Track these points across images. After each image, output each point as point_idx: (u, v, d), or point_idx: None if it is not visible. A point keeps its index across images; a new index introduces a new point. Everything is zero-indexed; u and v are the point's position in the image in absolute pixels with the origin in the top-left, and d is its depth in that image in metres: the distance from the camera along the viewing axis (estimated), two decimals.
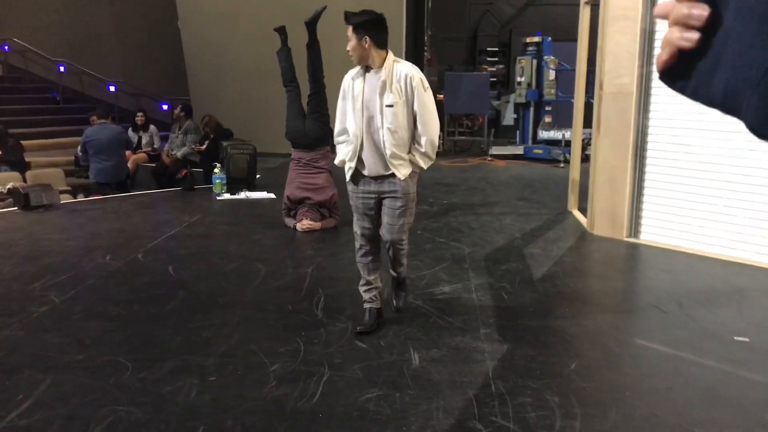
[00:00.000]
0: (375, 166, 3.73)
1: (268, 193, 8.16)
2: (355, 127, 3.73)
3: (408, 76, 3.65)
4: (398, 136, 3.65)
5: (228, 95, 12.18)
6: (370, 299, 3.99)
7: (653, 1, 5.71)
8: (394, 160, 3.68)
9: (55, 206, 7.41)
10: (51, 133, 12.77)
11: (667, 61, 0.70)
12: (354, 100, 3.73)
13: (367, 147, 3.72)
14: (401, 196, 3.75)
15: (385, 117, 3.63)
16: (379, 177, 3.75)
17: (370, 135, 3.71)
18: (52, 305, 4.28)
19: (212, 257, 5.47)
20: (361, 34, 3.64)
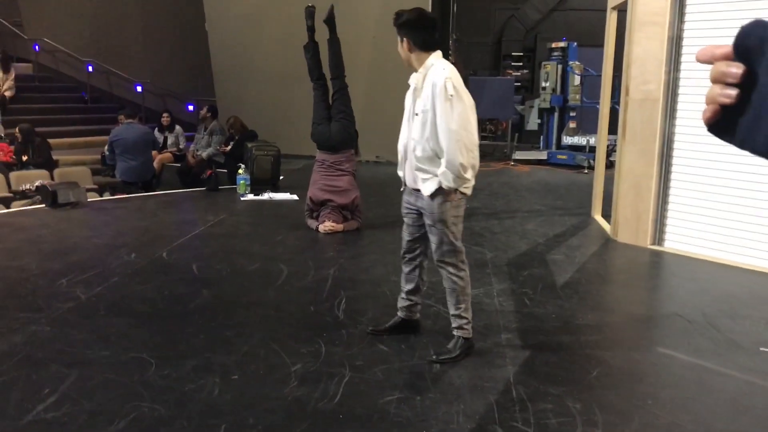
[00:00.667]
0: (407, 178, 3.60)
1: (292, 195, 8.20)
2: (402, 138, 3.60)
3: (433, 81, 3.36)
4: (421, 147, 3.41)
5: (253, 97, 12.27)
6: (400, 309, 3.83)
7: (681, 7, 5.67)
8: (419, 173, 3.47)
9: (82, 204, 7.51)
10: (79, 132, 12.96)
11: (711, 117, 0.74)
12: (407, 107, 3.60)
13: (402, 156, 3.61)
14: (428, 214, 3.50)
15: (414, 126, 3.45)
16: (415, 190, 3.55)
17: (405, 144, 3.57)
18: (78, 302, 4.34)
19: (236, 257, 5.51)
20: (401, 36, 3.47)
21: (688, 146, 5.77)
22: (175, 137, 10.99)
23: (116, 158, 8.91)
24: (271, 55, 11.97)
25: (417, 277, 3.77)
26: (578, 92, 11.93)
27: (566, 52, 12.37)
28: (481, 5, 15.55)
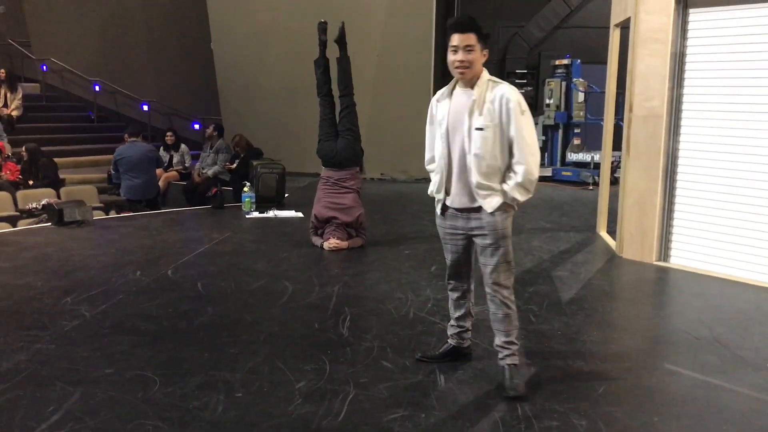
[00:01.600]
0: (460, 197, 3.34)
1: (297, 212, 8.22)
2: (440, 153, 3.37)
3: (504, 97, 3.22)
4: (487, 163, 3.24)
5: (259, 115, 12.33)
6: (451, 336, 3.71)
7: (684, 23, 5.69)
8: (481, 189, 3.26)
9: (88, 222, 7.54)
10: (86, 151, 13.05)
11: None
12: (439, 125, 3.38)
13: (455, 176, 3.34)
14: (489, 232, 3.30)
15: (473, 141, 3.24)
16: (466, 210, 3.34)
17: (456, 162, 3.32)
18: (82, 319, 4.34)
19: (240, 274, 5.51)
20: (483, 45, 3.26)
21: (693, 162, 5.76)
22: (180, 156, 11.05)
23: (120, 176, 8.96)
24: (276, 74, 12.04)
25: (467, 302, 3.63)
26: (582, 109, 11.95)
27: (570, 69, 12.40)
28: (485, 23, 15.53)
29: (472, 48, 3.21)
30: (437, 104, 3.44)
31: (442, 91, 3.45)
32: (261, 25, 11.99)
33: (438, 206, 3.46)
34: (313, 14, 10.62)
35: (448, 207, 3.42)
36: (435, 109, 3.45)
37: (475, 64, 3.24)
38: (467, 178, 3.29)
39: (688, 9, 5.67)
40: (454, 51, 3.24)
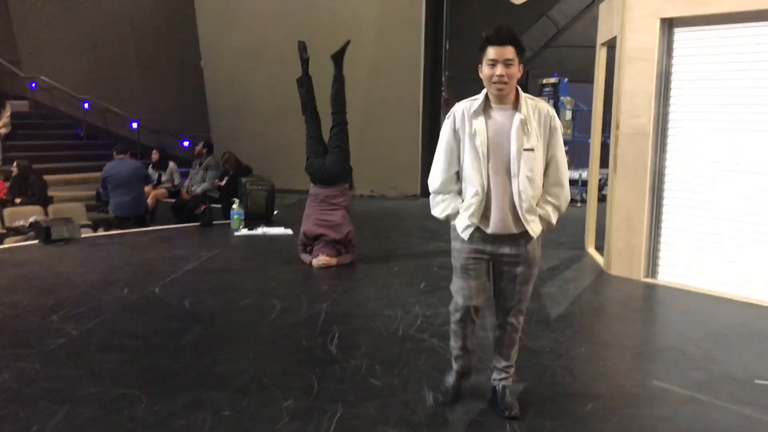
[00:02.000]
0: (503, 223, 3.09)
1: (286, 229, 8.20)
2: (479, 175, 3.07)
3: (548, 114, 3.09)
4: (536, 185, 3.07)
5: (248, 133, 12.35)
6: (462, 366, 3.47)
7: (669, 42, 5.76)
8: (529, 215, 3.07)
9: (76, 240, 7.50)
10: (75, 169, 13.02)
11: None
12: (472, 142, 3.08)
13: (495, 200, 3.08)
14: (529, 259, 3.15)
15: (525, 163, 3.02)
16: (502, 236, 3.12)
17: (499, 185, 3.07)
18: (69, 337, 4.31)
19: (228, 292, 5.49)
20: (520, 59, 3.03)
21: (679, 179, 5.81)
22: (169, 174, 11.02)
23: (109, 194, 8.93)
24: (266, 92, 12.08)
25: (476, 329, 3.42)
26: (570, 127, 12.02)
27: (557, 87, 12.49)
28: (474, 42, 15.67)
29: (511, 62, 2.99)
30: (467, 120, 3.11)
31: (468, 107, 3.14)
32: (250, 44, 12.04)
33: (465, 232, 3.15)
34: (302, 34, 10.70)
35: (480, 232, 3.14)
36: (463, 126, 3.13)
37: (513, 79, 3.02)
38: (513, 203, 3.06)
39: (673, 28, 5.75)
40: (491, 65, 3.00)
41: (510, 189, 3.06)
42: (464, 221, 3.15)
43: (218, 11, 12.26)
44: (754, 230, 5.38)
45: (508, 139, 3.03)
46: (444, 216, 3.24)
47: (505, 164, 3.05)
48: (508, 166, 3.04)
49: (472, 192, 3.10)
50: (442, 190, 3.24)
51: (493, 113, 3.09)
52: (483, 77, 3.07)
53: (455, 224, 3.20)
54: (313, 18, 11.37)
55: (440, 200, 3.25)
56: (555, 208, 3.15)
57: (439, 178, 3.24)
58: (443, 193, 3.24)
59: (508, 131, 3.04)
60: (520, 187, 3.04)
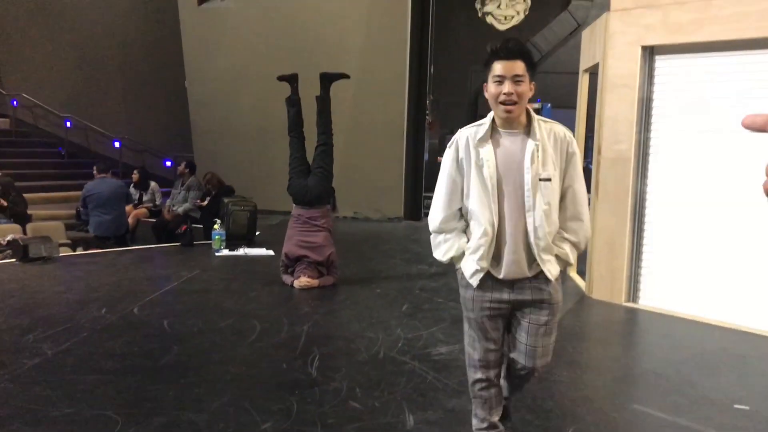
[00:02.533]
0: (516, 266, 2.69)
1: (267, 250, 8.16)
2: (488, 211, 2.66)
3: (565, 139, 2.71)
4: (553, 220, 2.68)
5: (231, 153, 12.33)
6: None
7: (651, 70, 5.84)
8: (545, 254, 2.69)
9: (54, 259, 7.40)
10: (56, 187, 12.90)
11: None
12: (479, 174, 2.67)
13: (507, 239, 2.68)
14: (551, 304, 2.75)
15: (541, 195, 2.63)
16: (519, 280, 2.72)
17: (512, 221, 2.67)
18: (44, 357, 4.23)
19: (208, 313, 5.43)
20: (531, 76, 2.68)
21: (660, 204, 5.86)
22: (150, 194, 10.95)
23: (89, 213, 8.85)
24: (249, 113, 12.09)
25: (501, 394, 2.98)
26: None
27: (541, 113, 12.63)
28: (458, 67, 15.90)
29: (521, 78, 2.61)
30: (472, 148, 2.70)
31: (473, 133, 2.73)
32: (235, 65, 12.07)
33: (474, 278, 2.74)
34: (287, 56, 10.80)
35: (491, 278, 2.74)
36: (468, 155, 2.72)
37: (524, 98, 2.64)
38: (527, 241, 2.67)
39: (654, 56, 5.83)
40: (498, 82, 2.62)
41: (524, 226, 2.66)
42: (472, 266, 2.74)
43: (203, 32, 12.29)
44: (734, 256, 5.42)
45: (521, 169, 2.64)
46: (447, 259, 2.83)
47: (518, 197, 2.65)
48: (522, 199, 2.64)
49: (480, 231, 2.68)
50: (444, 228, 2.83)
51: (502, 139, 2.70)
52: (489, 97, 2.68)
53: (462, 269, 2.80)
54: (298, 41, 11.43)
55: (442, 240, 2.84)
56: (573, 245, 2.77)
57: (440, 215, 2.82)
58: (445, 232, 2.83)
59: (519, 159, 2.65)
60: (536, 222, 2.64)
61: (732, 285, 5.45)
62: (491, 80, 2.65)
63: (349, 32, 11.40)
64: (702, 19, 5.40)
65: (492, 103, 2.67)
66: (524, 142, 2.67)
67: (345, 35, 11.38)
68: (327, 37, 11.35)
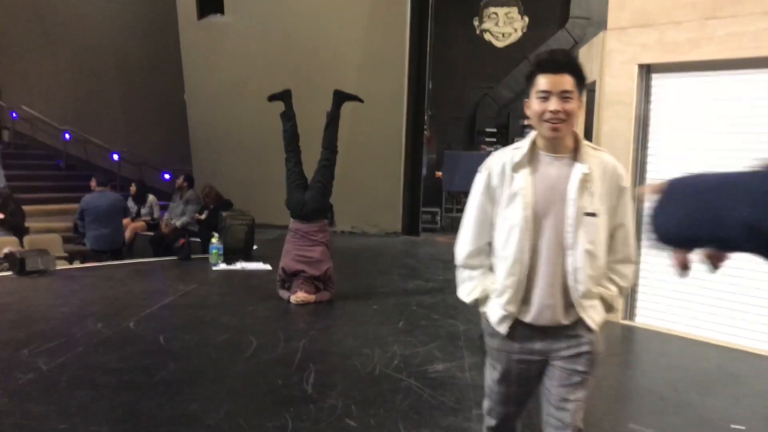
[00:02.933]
0: (551, 311, 2.34)
1: (264, 264, 8.15)
2: (520, 249, 2.33)
3: (615, 170, 2.36)
4: (597, 263, 2.33)
5: (229, 167, 12.35)
6: None
7: (647, 87, 5.88)
8: (586, 300, 2.34)
9: (51, 272, 7.39)
10: (54, 200, 12.89)
11: None
12: (513, 203, 2.35)
13: (540, 280, 2.34)
14: (591, 354, 2.39)
15: (584, 232, 2.30)
16: (553, 328, 2.37)
17: (547, 259, 2.33)
18: (39, 372, 4.22)
19: (204, 328, 5.42)
20: (580, 92, 2.33)
21: None
22: (149, 207, 10.96)
23: (86, 226, 8.84)
24: (248, 126, 12.11)
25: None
26: None
27: None
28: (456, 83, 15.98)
29: (569, 95, 2.28)
30: (508, 177, 2.38)
31: (510, 158, 2.41)
32: (234, 79, 12.11)
33: (502, 325, 2.41)
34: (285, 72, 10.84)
35: (521, 324, 2.40)
36: (502, 183, 2.40)
37: (573, 117, 2.31)
38: (564, 283, 2.33)
39: (651, 74, 5.87)
40: (543, 98, 2.30)
41: (562, 266, 2.32)
42: (498, 311, 2.41)
43: (203, 46, 12.35)
44: (731, 275, 5.43)
45: (564, 200, 2.30)
46: (471, 300, 2.52)
47: (557, 233, 2.31)
48: (562, 236, 2.31)
49: (509, 270, 2.36)
50: (469, 264, 2.52)
51: (544, 166, 2.36)
52: (531, 115, 2.36)
53: (486, 313, 2.48)
54: (296, 56, 11.48)
55: (467, 277, 2.54)
56: (621, 290, 2.43)
57: (466, 248, 2.52)
58: (471, 268, 2.52)
59: (563, 189, 2.31)
60: (577, 263, 2.30)
61: (728, 303, 5.45)
62: (534, 96, 2.33)
63: (348, 48, 11.45)
64: (698, 38, 5.44)
65: (535, 121, 2.35)
66: (570, 168, 2.32)
67: (344, 51, 11.44)
68: (326, 53, 11.40)
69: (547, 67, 2.31)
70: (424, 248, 10.53)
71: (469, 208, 2.53)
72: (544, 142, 2.36)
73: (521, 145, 2.42)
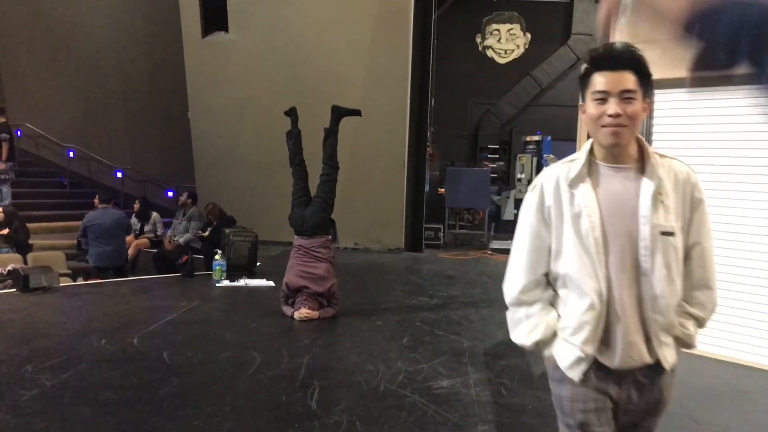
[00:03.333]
0: (636, 349, 2.01)
1: (268, 281, 8.15)
2: (594, 278, 2.00)
3: (688, 179, 2.08)
4: (676, 288, 2.04)
5: (233, 184, 12.38)
6: None
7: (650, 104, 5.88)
8: (663, 334, 2.03)
9: (54, 289, 7.39)
10: (57, 217, 12.92)
11: None
12: (576, 226, 2.03)
13: (619, 312, 2.00)
14: (662, 403, 2.13)
15: (660, 254, 1.99)
16: (629, 371, 2.04)
17: (621, 289, 2.00)
18: (42, 389, 4.21)
19: (208, 344, 5.41)
20: (645, 92, 2.03)
21: None
22: (152, 224, 10.98)
23: (89, 243, 8.85)
24: (252, 144, 12.16)
25: None
26: None
27: (540, 145, 12.73)
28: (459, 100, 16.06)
29: (631, 95, 1.99)
30: (566, 194, 2.07)
31: (565, 172, 2.09)
32: (238, 96, 12.17)
33: (576, 369, 2.05)
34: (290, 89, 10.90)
35: (599, 367, 2.05)
36: (558, 202, 2.08)
37: (636, 122, 2.00)
38: (643, 315, 2.01)
39: (653, 90, 5.88)
40: (600, 100, 2.00)
41: (637, 295, 2.01)
42: (573, 352, 2.05)
43: (207, 64, 12.42)
44: (737, 290, 5.41)
45: (635, 218, 2.00)
46: (532, 342, 2.15)
47: (631, 257, 2.00)
48: (635, 259, 2.00)
49: (585, 304, 2.01)
50: (525, 299, 2.17)
51: (605, 179, 2.05)
52: (587, 120, 2.06)
53: (553, 356, 2.12)
54: (300, 73, 11.54)
55: (523, 316, 2.18)
56: (699, 323, 2.12)
57: (519, 282, 2.18)
58: (527, 305, 2.17)
59: (633, 205, 2.01)
60: (655, 291, 1.99)
61: (735, 319, 5.42)
62: (590, 98, 2.03)
63: (351, 65, 11.52)
64: None
65: (591, 127, 2.05)
66: (638, 181, 2.02)
67: (347, 68, 11.50)
68: (329, 70, 11.46)
69: (604, 64, 2.01)
70: (427, 264, 10.52)
71: (519, 234, 2.20)
72: (603, 151, 2.05)
73: (576, 156, 2.10)
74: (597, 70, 2.02)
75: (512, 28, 16.22)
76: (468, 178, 13.19)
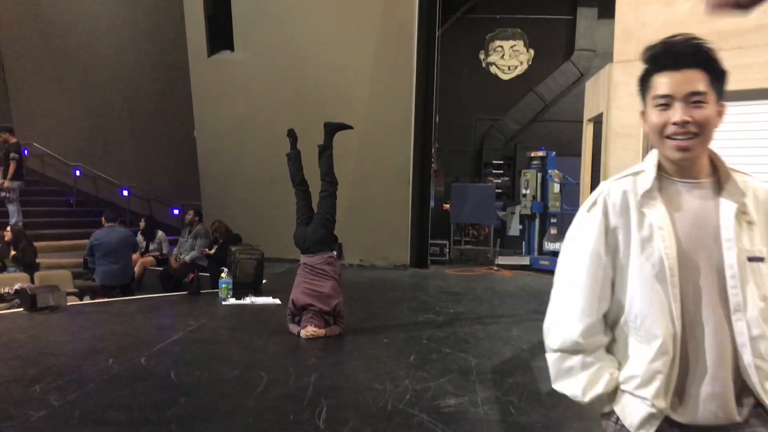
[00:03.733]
0: (718, 403, 1.64)
1: (274, 299, 8.15)
2: (667, 314, 1.65)
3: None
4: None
5: (239, 201, 12.43)
6: None
7: None
8: (764, 380, 1.64)
9: (62, 308, 7.41)
10: (64, 236, 12.97)
11: None
12: (648, 249, 1.68)
13: (700, 358, 1.66)
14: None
15: (754, 284, 1.67)
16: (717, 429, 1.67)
17: (706, 329, 1.65)
18: (51, 409, 4.21)
19: (215, 363, 5.41)
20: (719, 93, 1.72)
21: None
22: (158, 243, 11.01)
23: (96, 262, 8.87)
24: (257, 161, 12.22)
25: None
26: (558, 199, 12.21)
27: (545, 160, 12.75)
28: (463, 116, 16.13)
29: (701, 98, 1.67)
30: (635, 209, 1.72)
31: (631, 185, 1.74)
32: (243, 114, 12.25)
33: (645, 428, 1.69)
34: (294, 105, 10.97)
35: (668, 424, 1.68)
36: (627, 222, 1.73)
37: (708, 130, 1.69)
38: (735, 362, 1.65)
39: None
40: (663, 106, 1.69)
41: (729, 336, 1.65)
42: (641, 408, 1.69)
43: (212, 83, 12.51)
44: None
45: (717, 242, 1.67)
46: (592, 397, 1.76)
47: (714, 289, 1.67)
48: (723, 292, 1.66)
49: (654, 348, 1.66)
50: (584, 346, 1.77)
51: (679, 195, 1.72)
52: (649, 129, 1.74)
53: (616, 411, 1.76)
54: (305, 91, 11.63)
55: (578, 365, 1.79)
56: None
57: (578, 323, 1.77)
58: (585, 352, 1.78)
59: (713, 227, 1.68)
60: (751, 330, 1.63)
61: None
62: (651, 103, 1.72)
63: (355, 82, 11.59)
64: None
65: (655, 138, 1.73)
66: (714, 198, 1.71)
67: (352, 85, 11.58)
68: (334, 88, 11.54)
69: (666, 62, 1.68)
70: (433, 281, 10.51)
71: (574, 264, 1.80)
72: (671, 164, 1.73)
73: (642, 167, 1.76)
74: (657, 71, 1.70)
75: (515, 45, 16.31)
76: (473, 194, 13.22)
